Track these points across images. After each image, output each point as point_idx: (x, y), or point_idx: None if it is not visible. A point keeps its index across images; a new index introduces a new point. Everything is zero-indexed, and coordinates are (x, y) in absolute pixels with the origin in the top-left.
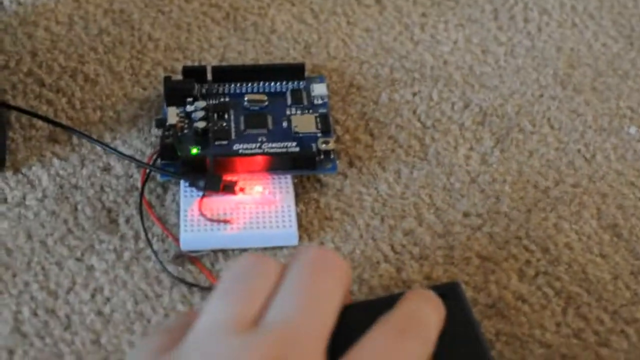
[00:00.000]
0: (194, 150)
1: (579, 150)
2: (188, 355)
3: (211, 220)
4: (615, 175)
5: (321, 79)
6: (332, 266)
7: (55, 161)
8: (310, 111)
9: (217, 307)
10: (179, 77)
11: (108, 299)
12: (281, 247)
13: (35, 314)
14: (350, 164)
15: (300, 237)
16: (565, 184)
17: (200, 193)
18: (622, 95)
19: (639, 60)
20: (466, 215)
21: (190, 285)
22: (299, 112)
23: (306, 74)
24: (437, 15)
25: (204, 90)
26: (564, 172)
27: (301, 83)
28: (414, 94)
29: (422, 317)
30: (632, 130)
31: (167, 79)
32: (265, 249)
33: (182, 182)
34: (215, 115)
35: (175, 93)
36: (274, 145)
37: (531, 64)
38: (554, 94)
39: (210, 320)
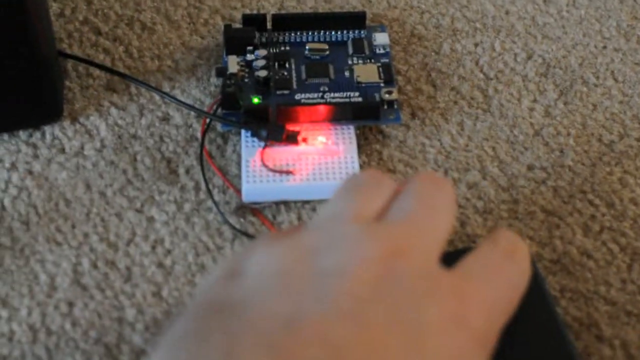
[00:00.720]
0: (256, 100)
1: None
2: (309, 234)
3: (273, 171)
4: None
5: (382, 28)
6: (446, 189)
7: (113, 110)
8: (372, 61)
9: (337, 203)
10: (239, 25)
11: (169, 251)
12: None
13: (95, 266)
14: (413, 115)
15: None
16: (630, 137)
17: (262, 143)
18: None
19: None
20: (530, 168)
21: (252, 237)
22: (360, 61)
23: (367, 23)
24: None
25: (264, 39)
26: (629, 125)
27: (362, 32)
28: (476, 45)
29: (523, 248)
30: None
31: (227, 27)
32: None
33: (243, 131)
34: (277, 64)
35: (236, 41)
36: (336, 95)
37: (594, 14)
38: (618, 46)
39: (330, 211)
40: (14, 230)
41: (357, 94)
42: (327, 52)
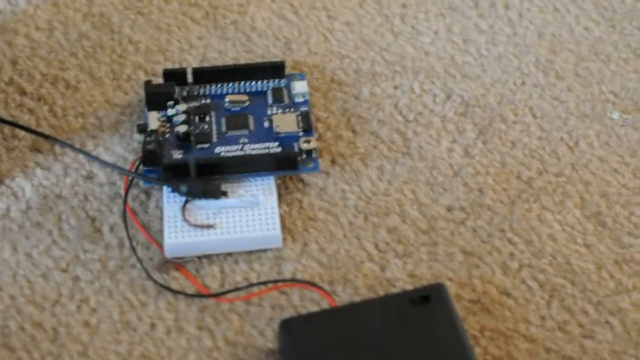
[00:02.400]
0: (176, 156)
1: (561, 138)
2: None
3: (195, 225)
4: (599, 162)
5: (302, 76)
6: None
7: (39, 171)
8: (292, 110)
9: None
10: (160, 80)
11: (94, 310)
12: (265, 250)
13: (22, 328)
14: (333, 162)
15: (284, 239)
16: (548, 173)
17: (183, 198)
18: (605, 79)
19: (621, 43)
20: (449, 209)
21: (175, 292)
22: (280, 111)
23: (287, 71)
24: (417, 5)
25: (184, 93)
26: (547, 161)
27: (282, 81)
28: (395, 87)
29: None
30: (615, 115)
31: (147, 83)
32: (249, 252)
33: (164, 188)
34: (197, 118)
35: (156, 97)
36: (256, 146)
37: (512, 51)
38: (536, 81)
39: None
40: None
41: (276, 144)
42: (247, 103)
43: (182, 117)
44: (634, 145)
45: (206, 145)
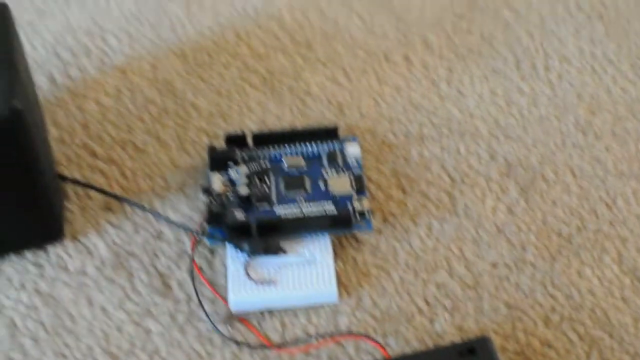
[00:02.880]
0: (239, 216)
1: (600, 197)
2: None
3: (257, 281)
4: (636, 219)
5: (354, 140)
6: None
7: (111, 229)
8: (345, 172)
9: None
10: (222, 142)
11: None
12: (323, 305)
13: None
14: (384, 220)
15: (340, 294)
16: (587, 230)
17: (246, 256)
18: None
19: None
20: (494, 265)
21: (239, 343)
22: (334, 173)
23: (340, 134)
24: (462, 69)
25: (245, 156)
26: (586, 218)
27: (336, 144)
28: (442, 149)
29: None
30: None
31: (211, 149)
32: (308, 307)
33: (228, 246)
34: (257, 180)
35: (219, 161)
36: (312, 206)
37: (553, 112)
38: (576, 141)
39: None
40: (24, 346)
41: (331, 205)
42: (304, 166)
43: (244, 179)
44: None
45: (266, 206)
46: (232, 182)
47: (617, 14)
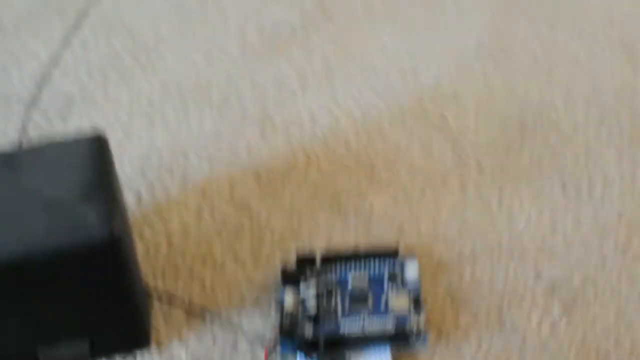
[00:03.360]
0: (307, 332)
1: (636, 315)
2: None
3: None
4: None
5: (413, 260)
6: None
7: (192, 339)
8: (405, 290)
9: None
10: (294, 260)
11: None
12: None
13: None
14: (439, 336)
15: None
16: (623, 347)
17: None
18: None
19: None
20: None
21: None
22: (394, 291)
23: (400, 253)
24: (512, 191)
25: (314, 274)
26: (623, 336)
27: (396, 264)
28: (492, 268)
29: None
30: None
31: (283, 269)
32: None
33: (299, 356)
34: (325, 297)
35: (291, 279)
36: (374, 322)
37: (595, 233)
38: (615, 262)
39: None
40: None
41: (391, 322)
42: (367, 284)
43: (313, 297)
44: None
45: (333, 321)
46: (302, 300)
47: None
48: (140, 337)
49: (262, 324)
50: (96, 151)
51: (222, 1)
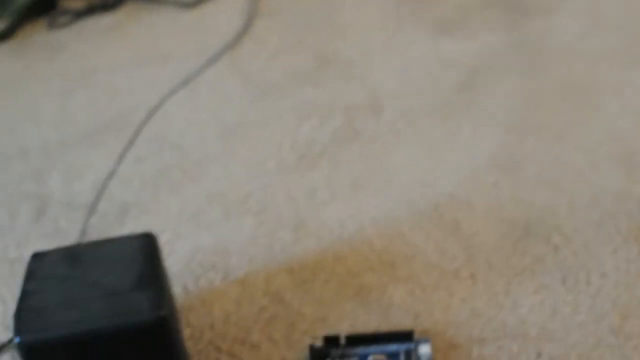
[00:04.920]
0: None
1: None
2: None
3: None
4: None
5: (426, 341)
6: None
7: None
8: None
9: None
10: (322, 342)
11: None
12: None
13: None
14: None
15: None
16: None
17: None
18: None
19: None
20: None
21: None
22: None
23: (415, 336)
24: (518, 284)
25: (339, 353)
26: None
27: (411, 345)
28: (498, 349)
29: None
30: None
31: (311, 347)
32: None
33: None
34: None
35: (318, 356)
36: None
37: (591, 319)
38: (609, 342)
39: None
40: None
41: None
42: None
43: None
44: None
45: None
46: None
47: None
48: None
49: None
50: (147, 247)
51: (260, 121)
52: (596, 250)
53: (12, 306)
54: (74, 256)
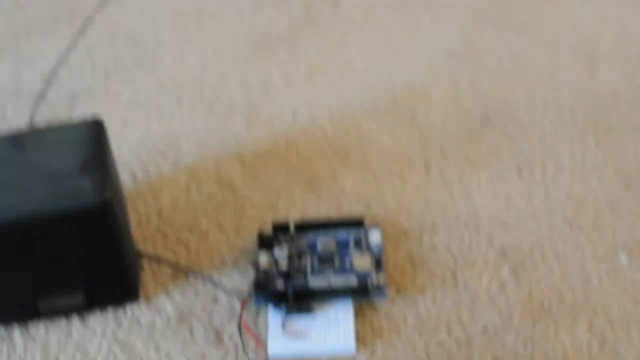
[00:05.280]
0: (279, 286)
1: (578, 276)
2: None
3: (291, 335)
4: (606, 294)
5: (377, 228)
6: None
7: (177, 294)
8: (368, 253)
9: None
10: (270, 229)
11: None
12: (343, 356)
13: None
14: (398, 292)
15: (357, 348)
16: (565, 303)
17: (284, 315)
18: (617, 230)
19: (634, 203)
20: (485, 329)
21: None
22: (358, 254)
23: (365, 224)
24: (472, 174)
25: (287, 239)
26: (565, 293)
27: (361, 231)
28: (449, 237)
29: None
30: (623, 259)
31: (260, 233)
32: (331, 357)
33: (270, 307)
34: (296, 258)
35: (266, 243)
36: (339, 279)
37: (545, 209)
38: (561, 232)
39: None
40: None
41: (354, 278)
42: (334, 248)
43: (285, 258)
44: (636, 280)
45: (302, 278)
46: (275, 260)
47: (607, 130)
48: (130, 292)
49: (240, 281)
50: (94, 133)
51: (216, 10)
52: (553, 142)
53: None
54: (17, 141)
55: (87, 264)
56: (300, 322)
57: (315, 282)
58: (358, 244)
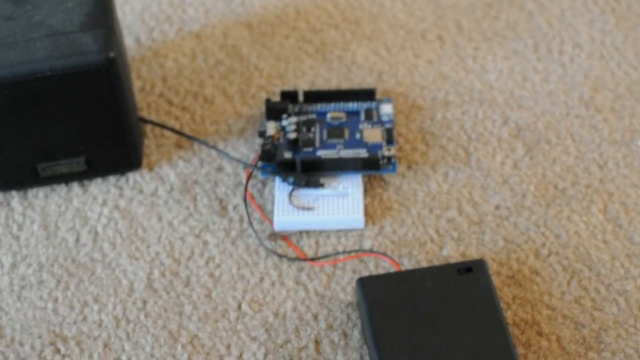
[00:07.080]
0: (287, 155)
1: (593, 159)
2: None
3: (298, 207)
4: (622, 178)
5: (388, 101)
6: None
7: (180, 162)
8: (379, 126)
9: None
10: (278, 98)
11: (218, 265)
12: (351, 230)
13: (163, 275)
14: (409, 167)
15: (366, 222)
16: (579, 185)
17: (291, 187)
18: (636, 114)
19: None
20: (497, 208)
21: (280, 256)
22: (369, 126)
23: (377, 96)
24: (487, 49)
25: (296, 109)
26: (580, 175)
27: (373, 103)
28: (463, 113)
29: None
30: None
31: (267, 100)
32: (339, 230)
33: (277, 178)
34: (304, 128)
35: (274, 111)
36: (348, 151)
37: (562, 88)
38: (578, 113)
39: None
40: (104, 249)
41: (364, 150)
42: (344, 119)
43: (293, 127)
44: None
45: (310, 149)
46: (283, 129)
47: (628, 9)
48: (132, 159)
49: (246, 151)
50: None
51: None
52: (572, 20)
53: None
54: None
55: (89, 127)
56: (308, 194)
57: (324, 153)
58: (369, 116)
